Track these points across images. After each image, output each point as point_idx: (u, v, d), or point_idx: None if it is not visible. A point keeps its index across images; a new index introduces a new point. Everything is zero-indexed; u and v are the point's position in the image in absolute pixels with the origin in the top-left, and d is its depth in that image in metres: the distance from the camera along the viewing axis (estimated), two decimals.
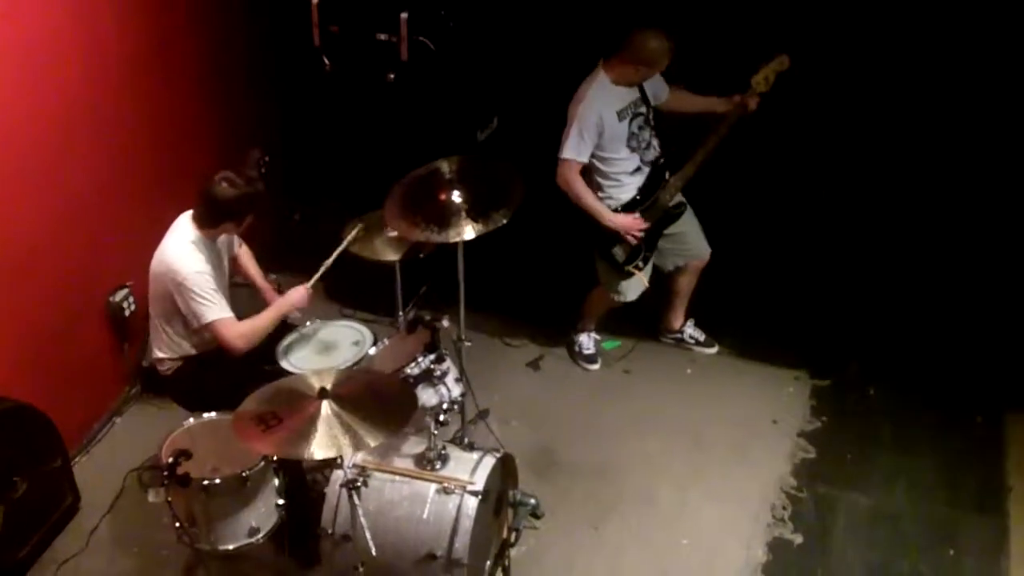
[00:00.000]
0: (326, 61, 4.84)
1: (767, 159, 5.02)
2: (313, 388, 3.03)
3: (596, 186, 4.42)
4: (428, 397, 3.65)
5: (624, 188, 4.44)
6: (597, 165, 4.38)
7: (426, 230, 3.56)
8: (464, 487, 3.26)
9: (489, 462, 3.38)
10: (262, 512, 3.41)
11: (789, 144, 4.99)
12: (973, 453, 4.34)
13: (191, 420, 3.54)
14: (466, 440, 3.86)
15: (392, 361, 3.76)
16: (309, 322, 4.08)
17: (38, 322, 4.01)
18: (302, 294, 3.89)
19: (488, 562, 3.44)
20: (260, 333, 3.76)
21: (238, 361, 3.75)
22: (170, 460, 3.14)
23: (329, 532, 3.32)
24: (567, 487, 4.17)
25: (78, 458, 4.26)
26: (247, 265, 4.17)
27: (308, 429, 2.91)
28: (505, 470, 3.55)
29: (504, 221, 3.56)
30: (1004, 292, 4.90)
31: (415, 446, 3.43)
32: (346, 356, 3.87)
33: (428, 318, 3.72)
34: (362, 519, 3.10)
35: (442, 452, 3.38)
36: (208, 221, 3.74)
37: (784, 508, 4.07)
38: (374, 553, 3.12)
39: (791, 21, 4.67)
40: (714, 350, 5.02)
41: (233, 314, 3.74)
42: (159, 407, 4.41)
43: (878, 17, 4.66)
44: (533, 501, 3.96)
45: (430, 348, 3.72)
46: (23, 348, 3.95)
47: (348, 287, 5.11)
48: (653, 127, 4.48)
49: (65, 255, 4.09)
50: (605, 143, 4.33)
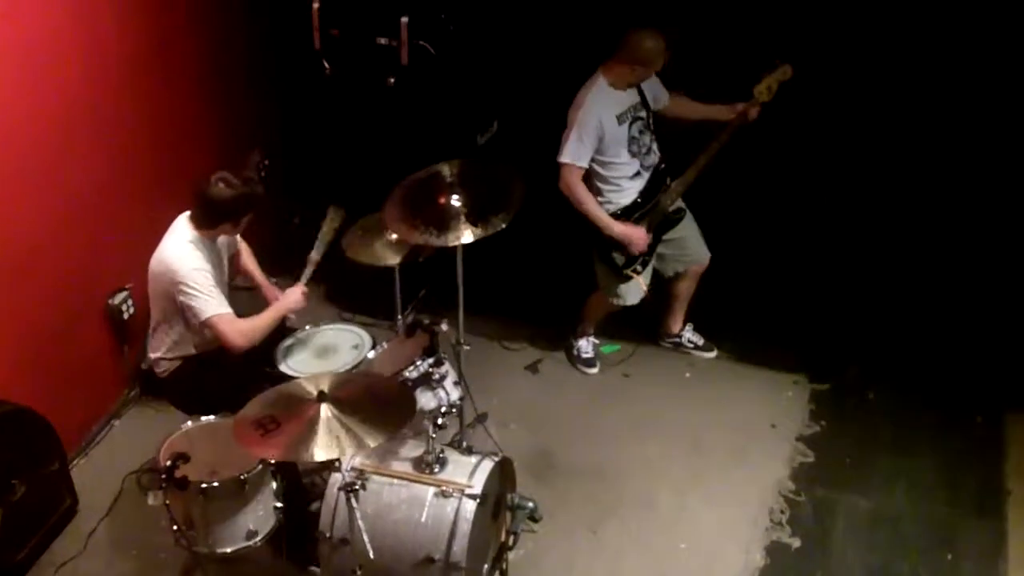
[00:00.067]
0: (326, 65, 4.85)
1: (766, 164, 5.02)
2: (312, 391, 3.03)
3: (595, 191, 4.41)
4: (427, 400, 3.66)
5: (624, 193, 4.44)
6: (597, 170, 4.38)
7: (425, 233, 3.57)
8: (462, 490, 3.26)
9: (487, 465, 3.38)
10: (260, 515, 3.41)
11: (788, 149, 5.00)
12: (973, 455, 4.34)
13: (189, 423, 3.55)
14: (464, 443, 3.87)
15: (391, 364, 3.76)
16: (308, 326, 4.08)
17: (38, 323, 4.01)
18: (298, 296, 3.88)
19: (486, 565, 3.44)
20: (260, 332, 3.74)
21: (236, 363, 3.74)
22: (168, 463, 3.15)
23: (327, 535, 3.31)
24: (565, 491, 4.17)
25: (76, 461, 4.25)
26: (247, 262, 4.15)
27: (307, 433, 2.91)
28: (503, 473, 3.55)
29: (503, 225, 3.56)
30: (1003, 293, 4.91)
31: (413, 449, 3.43)
32: (345, 360, 3.87)
33: (427, 322, 3.73)
34: (360, 522, 3.10)
35: (440, 455, 3.38)
36: (205, 222, 3.73)
37: (782, 512, 4.07)
38: (372, 556, 3.13)
39: (791, 29, 4.69)
40: (713, 354, 5.02)
41: (232, 311, 3.72)
42: (157, 410, 4.41)
43: (877, 22, 4.67)
44: (531, 504, 3.95)
45: (429, 352, 3.73)
46: (23, 349, 3.95)
47: (347, 291, 5.11)
48: (653, 132, 4.49)
49: (65, 255, 4.09)
50: (605, 147, 4.32)
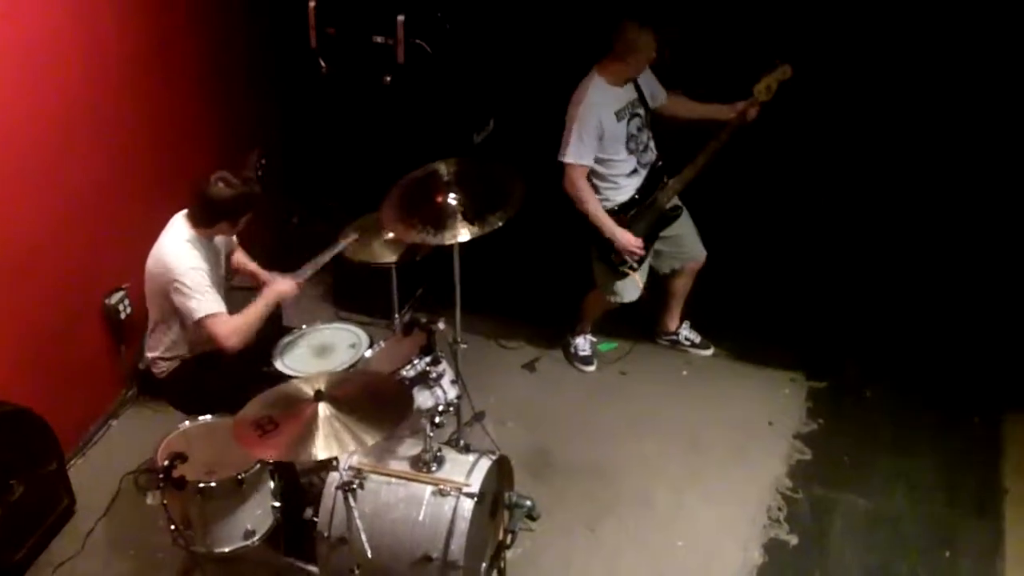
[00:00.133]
0: (322, 63, 4.84)
1: (763, 162, 5.02)
2: (309, 391, 3.03)
3: (593, 188, 4.41)
4: (424, 399, 3.65)
5: (620, 190, 4.45)
6: (594, 167, 4.37)
7: (422, 232, 3.57)
8: (460, 489, 3.26)
9: (485, 464, 3.38)
10: (258, 515, 3.41)
11: (785, 146, 5.00)
12: (971, 454, 4.34)
13: (187, 423, 3.54)
14: (462, 442, 3.86)
15: (388, 363, 3.76)
16: (305, 325, 4.07)
17: (37, 323, 4.01)
18: (290, 284, 3.83)
19: (484, 564, 3.44)
20: (252, 326, 3.70)
21: (234, 363, 3.73)
22: (166, 463, 3.15)
23: (325, 535, 3.31)
24: (563, 489, 4.17)
25: (74, 461, 4.25)
26: (243, 262, 4.11)
27: (305, 432, 2.91)
28: (501, 472, 3.55)
29: (500, 223, 3.56)
30: (1002, 292, 4.91)
31: (411, 448, 3.43)
32: (343, 359, 3.86)
33: (424, 320, 3.72)
34: (358, 521, 3.11)
35: (438, 454, 3.38)
36: (203, 221, 3.71)
37: (780, 509, 4.07)
38: (370, 555, 3.13)
39: (791, 29, 4.69)
40: (710, 352, 5.02)
41: (226, 311, 3.70)
42: (155, 410, 4.41)
43: (876, 21, 4.67)
44: (529, 503, 3.95)
45: (426, 350, 3.73)
46: (22, 349, 3.95)
47: (344, 290, 5.11)
48: (650, 129, 4.49)
49: (65, 256, 4.09)
50: (605, 145, 4.32)
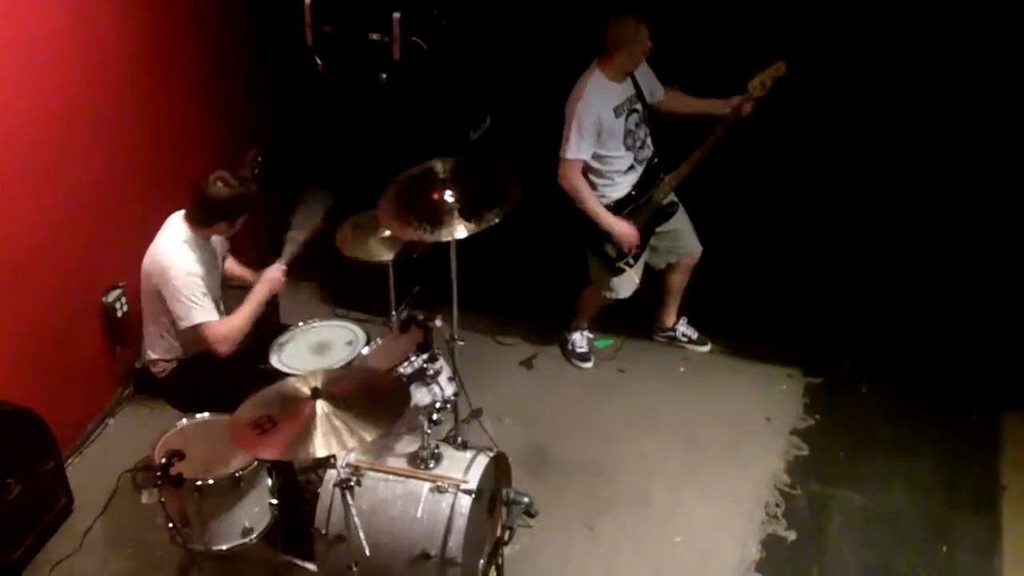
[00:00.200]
0: (319, 61, 4.84)
1: (760, 157, 5.03)
2: (306, 389, 3.02)
3: (589, 184, 4.41)
4: (421, 396, 3.65)
5: (617, 187, 4.45)
6: (591, 163, 4.38)
7: (419, 229, 3.56)
8: (458, 486, 3.26)
9: (483, 461, 3.38)
10: (255, 512, 3.41)
11: (781, 142, 5.01)
12: (968, 451, 4.35)
13: (184, 421, 3.54)
14: (459, 439, 3.85)
15: (385, 361, 3.76)
16: (302, 322, 4.07)
17: (36, 323, 4.00)
18: (276, 275, 3.84)
19: (482, 561, 3.44)
20: (244, 328, 3.72)
21: (232, 362, 3.73)
22: (163, 461, 3.14)
23: (323, 532, 3.31)
24: (561, 486, 4.17)
25: (71, 459, 4.25)
26: (234, 269, 4.12)
27: (303, 430, 2.90)
28: (499, 469, 3.55)
29: (497, 220, 3.56)
30: (999, 290, 4.91)
31: (408, 445, 3.43)
32: (340, 356, 3.86)
33: (421, 317, 3.71)
34: (356, 519, 3.10)
35: (435, 451, 3.38)
36: (201, 221, 3.72)
37: (778, 505, 4.08)
38: (368, 553, 3.12)
39: (786, 23, 4.69)
40: (707, 348, 5.02)
41: (219, 317, 3.73)
42: (152, 408, 4.41)
43: (872, 17, 4.67)
44: (527, 500, 3.93)
45: (423, 347, 3.72)
46: (22, 349, 3.95)
47: (341, 287, 5.11)
48: (648, 125, 4.49)
49: (65, 255, 4.08)
50: (602, 141, 4.33)
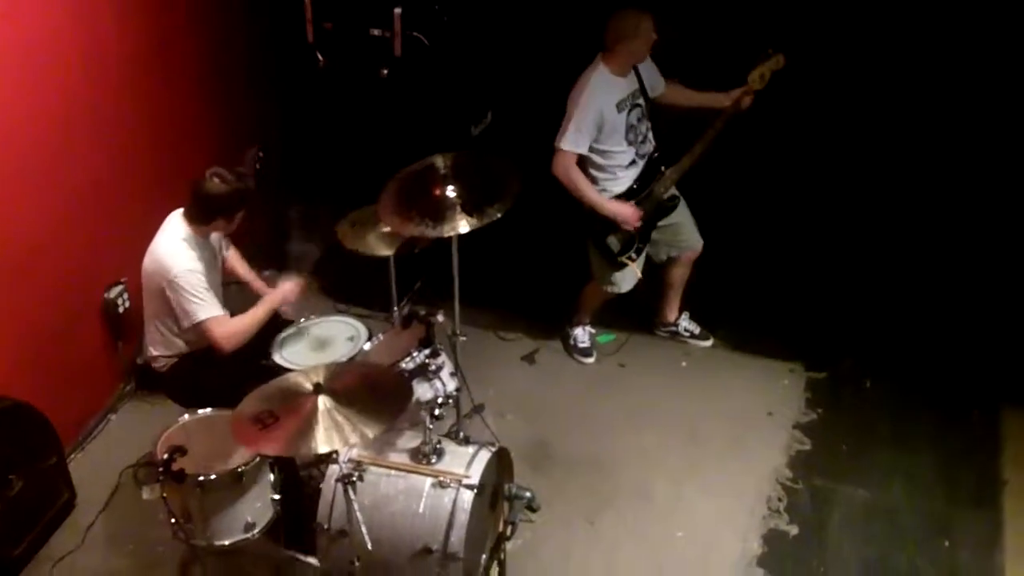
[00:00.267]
0: (320, 57, 4.84)
1: (762, 152, 5.02)
2: (308, 384, 3.02)
3: (591, 179, 4.41)
4: (423, 391, 3.65)
5: (618, 181, 4.45)
6: (593, 158, 4.38)
7: (420, 225, 3.56)
8: (460, 481, 3.26)
9: (484, 456, 3.38)
10: (258, 507, 3.41)
11: (783, 137, 5.00)
12: (969, 447, 4.35)
13: (186, 416, 3.54)
14: (461, 434, 3.87)
15: (387, 356, 3.76)
16: (304, 318, 4.08)
17: (37, 321, 4.01)
18: (291, 286, 3.88)
19: (484, 556, 3.44)
20: (250, 330, 3.77)
21: (234, 358, 3.74)
22: (165, 456, 3.14)
23: (325, 527, 3.31)
24: (563, 480, 4.17)
25: (73, 455, 4.25)
26: (236, 266, 4.16)
27: (305, 426, 2.90)
28: (500, 464, 3.55)
29: (498, 215, 3.56)
30: (1000, 286, 4.90)
31: (411, 440, 3.43)
32: (341, 352, 3.87)
33: (423, 313, 3.72)
34: (358, 514, 3.11)
35: (437, 446, 3.38)
36: (200, 218, 3.74)
37: (780, 500, 4.08)
38: (370, 548, 3.13)
39: (788, 17, 4.68)
40: (709, 343, 5.02)
41: (224, 312, 3.74)
42: (153, 404, 4.41)
43: (875, 11, 4.66)
44: (529, 494, 3.96)
45: (425, 343, 3.73)
46: (23, 347, 3.95)
47: (343, 283, 5.11)
48: (649, 120, 4.48)
49: (65, 254, 4.09)
50: (604, 136, 4.32)
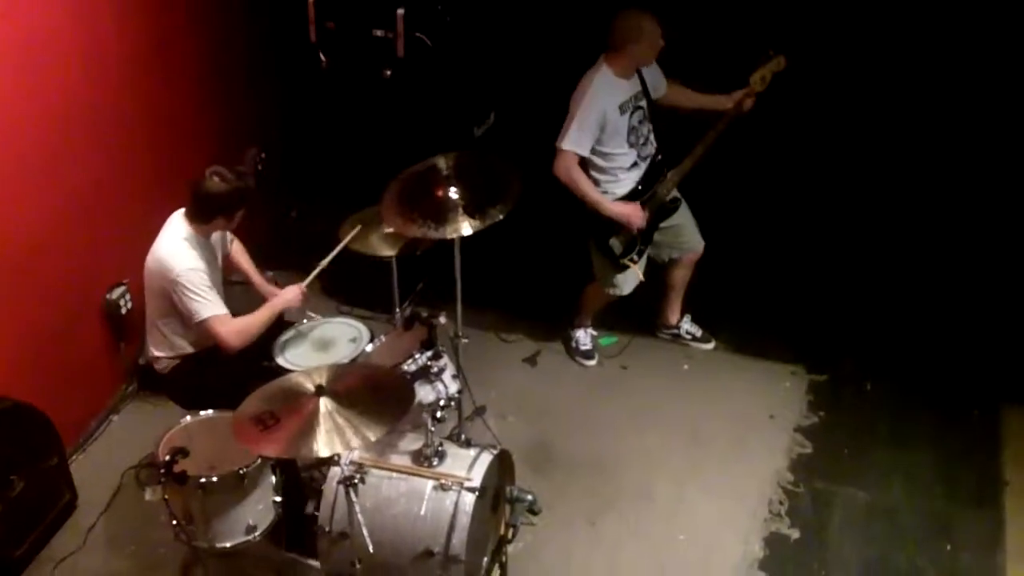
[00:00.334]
0: (322, 57, 4.84)
1: (763, 154, 5.02)
2: (310, 385, 3.02)
3: (593, 181, 4.40)
4: (425, 393, 3.65)
5: (620, 183, 4.44)
6: (595, 160, 4.37)
7: (423, 226, 3.56)
8: (461, 483, 3.26)
9: (486, 458, 3.38)
10: (259, 509, 3.41)
11: (784, 139, 5.00)
12: (970, 447, 4.34)
13: (188, 418, 3.54)
14: (463, 436, 3.87)
15: (389, 358, 3.76)
16: (306, 319, 4.08)
17: (38, 321, 4.01)
18: (296, 293, 3.90)
19: (485, 558, 3.44)
20: (255, 331, 3.78)
21: (236, 359, 3.75)
22: (167, 458, 3.14)
23: (327, 529, 3.31)
24: (564, 483, 4.17)
25: (75, 456, 4.25)
26: (240, 260, 4.16)
27: (306, 427, 2.90)
28: (502, 466, 3.55)
29: (501, 217, 3.56)
30: (1000, 286, 4.90)
31: (412, 443, 3.43)
32: (343, 353, 3.87)
33: (425, 314, 3.71)
34: (359, 516, 3.11)
35: (439, 448, 3.37)
36: (200, 217, 3.74)
37: (781, 503, 4.08)
38: (371, 550, 3.13)
39: (789, 19, 4.68)
40: (711, 345, 5.02)
41: (228, 311, 3.74)
42: (155, 405, 4.41)
43: (876, 13, 4.66)
44: (530, 497, 3.96)
45: (427, 344, 3.72)
46: (23, 347, 3.95)
47: (345, 284, 5.10)
48: (651, 122, 4.48)
49: (65, 254, 4.09)
50: (606, 137, 4.32)
